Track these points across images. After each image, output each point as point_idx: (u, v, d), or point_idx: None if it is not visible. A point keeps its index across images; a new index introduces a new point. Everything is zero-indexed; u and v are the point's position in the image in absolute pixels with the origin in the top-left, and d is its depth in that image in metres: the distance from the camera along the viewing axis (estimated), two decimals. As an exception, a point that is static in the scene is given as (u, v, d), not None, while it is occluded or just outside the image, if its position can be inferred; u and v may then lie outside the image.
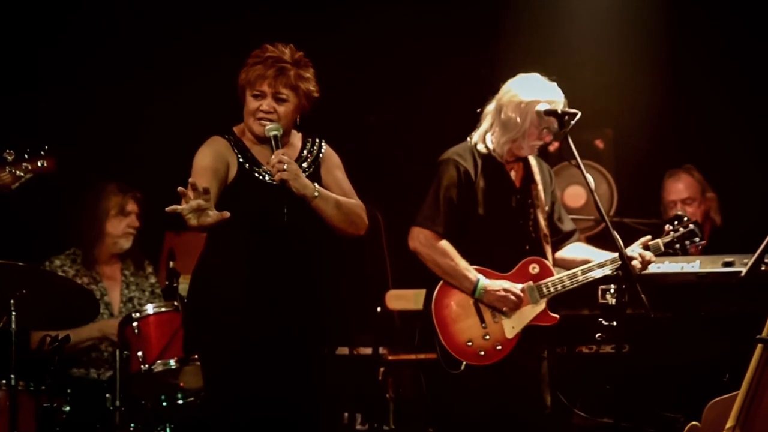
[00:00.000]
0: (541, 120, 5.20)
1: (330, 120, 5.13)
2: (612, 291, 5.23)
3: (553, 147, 5.37)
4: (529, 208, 5.36)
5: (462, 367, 5.20)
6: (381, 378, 6.70)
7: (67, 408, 5.58)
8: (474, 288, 5.22)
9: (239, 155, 4.71)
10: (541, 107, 5.20)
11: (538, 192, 5.38)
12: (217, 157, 4.66)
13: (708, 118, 7.15)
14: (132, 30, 7.05)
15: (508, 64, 6.26)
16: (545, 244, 5.37)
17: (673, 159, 6.82)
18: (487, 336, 5.23)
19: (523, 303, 5.26)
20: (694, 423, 4.74)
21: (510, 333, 5.25)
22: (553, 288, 5.28)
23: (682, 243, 5.38)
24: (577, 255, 5.42)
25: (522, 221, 5.35)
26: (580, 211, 6.75)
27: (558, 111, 5.18)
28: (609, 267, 5.23)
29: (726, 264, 5.76)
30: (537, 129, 5.24)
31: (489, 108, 5.35)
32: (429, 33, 7.27)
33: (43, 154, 5.16)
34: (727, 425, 4.64)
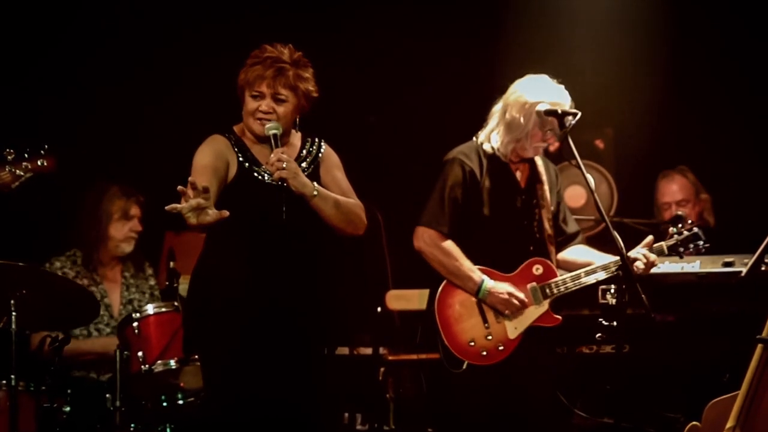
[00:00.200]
0: (545, 121, 5.19)
1: (330, 120, 5.13)
2: (612, 291, 5.24)
3: (554, 147, 5.36)
4: (534, 208, 5.36)
5: (464, 367, 5.20)
6: (381, 378, 6.69)
7: (68, 408, 5.57)
8: (478, 289, 5.21)
9: (239, 154, 4.71)
10: (541, 107, 5.19)
11: (543, 192, 5.37)
12: (217, 156, 4.66)
13: (708, 118, 7.15)
14: (132, 30, 7.04)
15: (508, 64, 6.28)
16: (549, 245, 5.36)
17: (673, 159, 6.82)
18: (490, 336, 5.23)
19: (527, 304, 5.26)
20: (694, 423, 4.75)
21: (512, 334, 5.25)
22: (557, 289, 5.28)
23: (685, 246, 5.37)
24: (580, 257, 5.42)
25: (527, 222, 5.35)
26: (580, 211, 6.74)
27: (558, 111, 5.18)
28: (612, 269, 5.22)
29: (726, 264, 5.77)
30: (541, 130, 5.23)
31: (496, 107, 5.34)
32: (429, 33, 7.26)
33: (43, 153, 5.15)
34: (728, 425, 4.64)
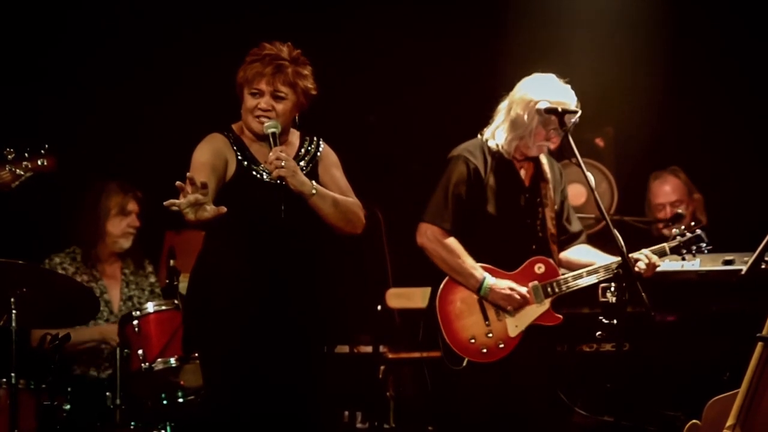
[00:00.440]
0: (549, 120, 5.19)
1: (330, 119, 5.13)
2: (612, 289, 5.23)
3: (554, 145, 5.35)
4: (538, 207, 5.36)
5: (464, 364, 5.20)
6: (381, 376, 6.70)
7: (68, 406, 5.59)
8: (480, 286, 5.22)
9: (238, 152, 4.71)
10: (542, 105, 5.19)
11: (547, 191, 5.36)
12: (216, 154, 4.66)
13: (708, 117, 7.15)
14: (132, 30, 7.04)
15: (508, 64, 6.28)
16: (552, 243, 5.36)
17: (673, 158, 6.82)
18: (490, 334, 5.23)
19: (528, 302, 5.26)
20: (694, 421, 4.74)
21: (513, 332, 5.25)
22: (558, 288, 5.28)
23: (688, 248, 5.37)
24: (582, 257, 5.42)
25: (530, 220, 5.35)
26: (580, 210, 6.72)
27: (558, 109, 5.18)
28: (614, 269, 5.21)
29: (726, 262, 5.77)
30: (545, 129, 5.23)
31: (502, 105, 5.34)
32: (429, 33, 7.26)
33: (44, 152, 5.16)
34: (728, 423, 4.63)
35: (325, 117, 4.93)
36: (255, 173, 4.71)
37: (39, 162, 5.15)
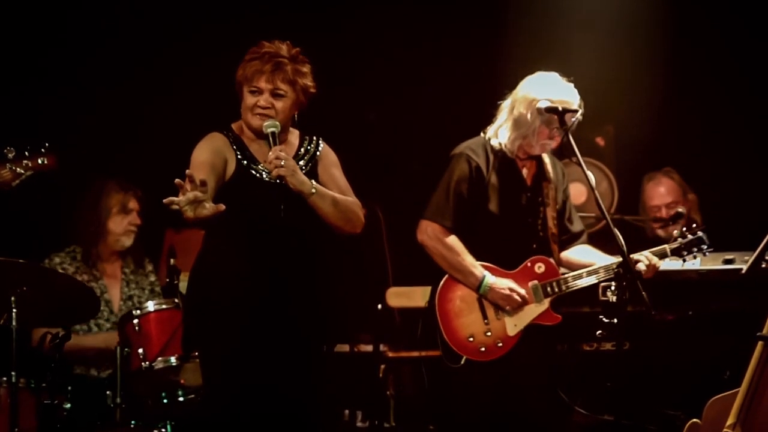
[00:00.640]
0: (551, 119, 5.18)
1: (330, 118, 5.13)
2: (613, 288, 5.23)
3: (556, 144, 5.36)
4: (539, 206, 5.36)
5: (462, 362, 5.20)
6: (381, 375, 6.69)
7: (68, 405, 5.57)
8: (479, 284, 5.22)
9: (237, 152, 4.72)
10: (542, 104, 5.19)
11: (549, 190, 5.36)
12: (215, 153, 4.67)
13: (708, 117, 7.15)
14: (132, 30, 7.05)
15: (509, 63, 6.28)
16: (553, 243, 5.36)
17: (674, 157, 6.83)
18: (489, 332, 5.23)
19: (527, 302, 5.26)
20: (694, 420, 4.75)
21: (512, 330, 5.25)
22: (558, 288, 5.28)
23: (689, 250, 5.37)
24: (583, 257, 5.42)
25: (531, 219, 5.35)
26: (580, 208, 6.71)
27: (558, 108, 5.18)
28: (614, 270, 5.20)
29: (726, 261, 5.77)
30: (548, 128, 5.22)
31: (505, 103, 5.34)
32: (429, 33, 7.27)
33: (44, 151, 5.16)
34: (728, 422, 4.64)
35: (325, 116, 4.93)
36: (254, 172, 4.71)
37: (39, 161, 5.15)
